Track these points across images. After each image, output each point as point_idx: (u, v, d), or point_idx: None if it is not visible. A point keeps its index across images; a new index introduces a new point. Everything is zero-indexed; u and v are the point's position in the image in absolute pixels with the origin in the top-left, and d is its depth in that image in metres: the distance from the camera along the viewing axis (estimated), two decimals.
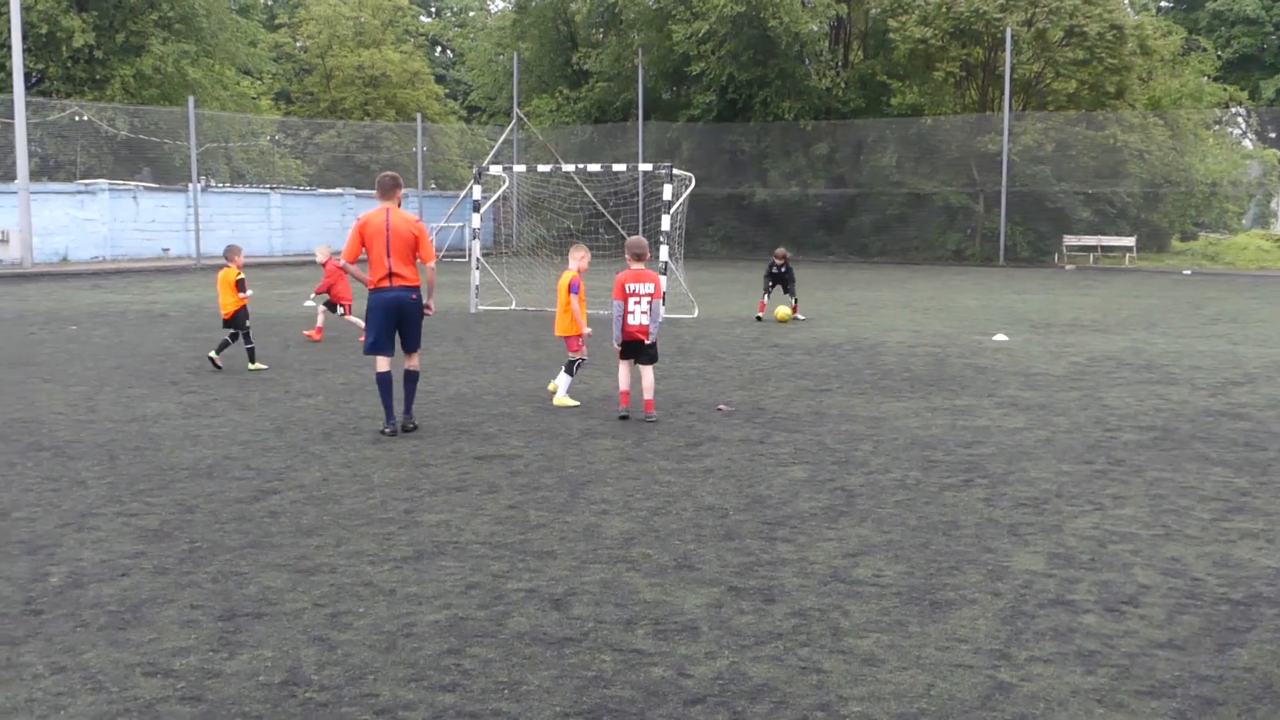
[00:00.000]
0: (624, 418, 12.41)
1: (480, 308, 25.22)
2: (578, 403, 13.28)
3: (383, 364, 11.55)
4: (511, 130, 53.61)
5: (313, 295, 19.78)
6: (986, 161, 47.97)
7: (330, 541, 7.82)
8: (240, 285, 16.15)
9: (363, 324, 19.57)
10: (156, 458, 10.46)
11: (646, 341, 12.40)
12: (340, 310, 19.76)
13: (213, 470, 9.97)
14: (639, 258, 12.53)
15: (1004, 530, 8.19)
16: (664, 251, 23.31)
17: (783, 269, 23.28)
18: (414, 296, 11.46)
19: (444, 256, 46.69)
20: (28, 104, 38.91)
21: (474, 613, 6.48)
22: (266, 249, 47.47)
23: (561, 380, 13.41)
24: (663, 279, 22.66)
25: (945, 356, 17.69)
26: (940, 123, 49.71)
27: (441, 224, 48.84)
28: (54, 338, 19.69)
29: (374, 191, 11.80)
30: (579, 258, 13.42)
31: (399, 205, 11.62)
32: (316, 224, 50.13)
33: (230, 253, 16.53)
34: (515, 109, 54.45)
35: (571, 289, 13.20)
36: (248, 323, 16.23)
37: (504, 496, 9.09)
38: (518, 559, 7.45)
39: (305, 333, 19.59)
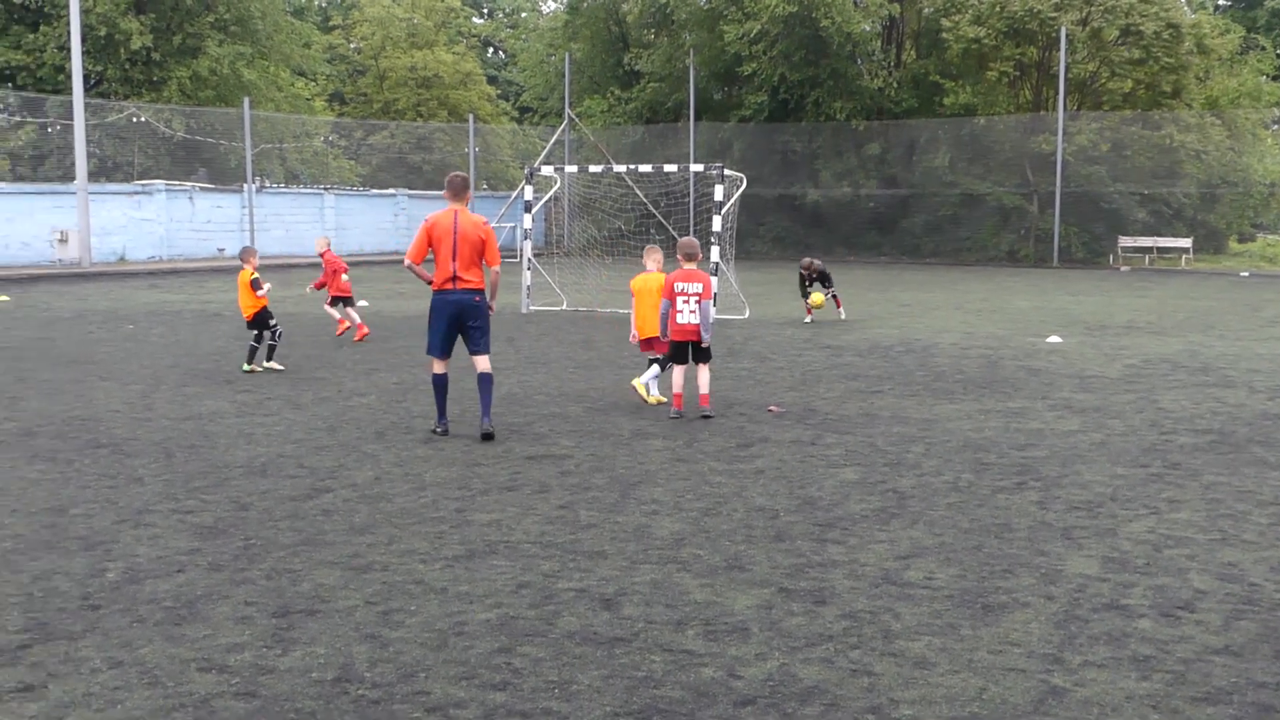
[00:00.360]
0: (676, 417, 12.49)
1: (532, 308, 25.29)
2: (654, 400, 13.33)
3: (439, 366, 11.49)
4: (563, 131, 53.75)
5: (329, 302, 19.92)
6: (1040, 162, 47.60)
7: (382, 540, 7.87)
8: (255, 285, 15.85)
9: (336, 314, 19.82)
10: (211, 455, 10.56)
11: (701, 344, 12.55)
12: (330, 301, 20.01)
13: (266, 468, 10.05)
14: (690, 258, 12.73)
15: (1057, 534, 8.13)
16: (715, 252, 23.28)
17: (813, 278, 23.26)
18: (477, 299, 11.28)
19: None
20: (86, 106, 39.39)
21: (525, 612, 6.50)
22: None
23: (651, 371, 13.46)
24: (714, 279, 22.64)
25: (998, 358, 17.57)
26: (994, 123, 49.37)
27: (494, 224, 48.93)
28: (112, 336, 19.92)
29: (443, 192, 11.65)
30: (659, 259, 13.57)
31: (468, 207, 11.46)
32: (370, 224, 50.49)
33: (245, 254, 16.27)
34: (567, 110, 54.60)
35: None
36: (273, 321, 16.00)
37: (555, 496, 9.11)
38: (568, 559, 7.47)
39: (355, 338, 19.70)
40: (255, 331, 16.00)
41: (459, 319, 11.31)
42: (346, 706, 5.28)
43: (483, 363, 11.50)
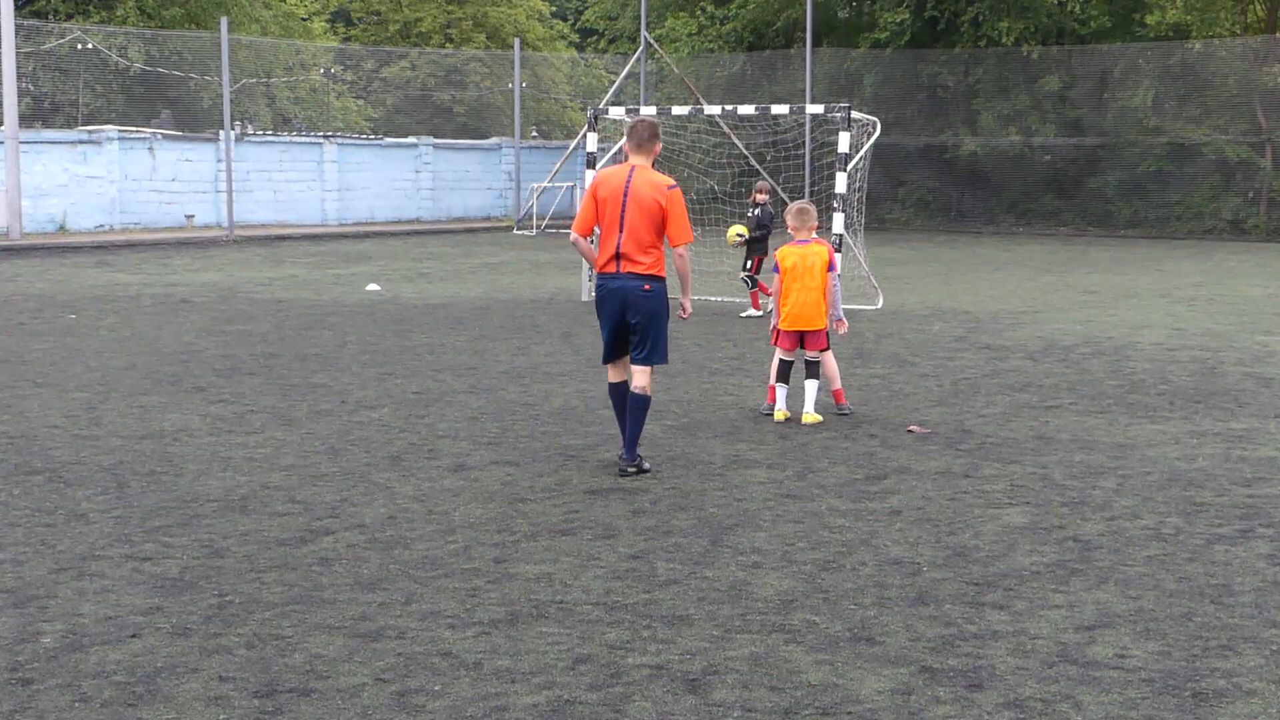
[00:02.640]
0: (766, 414, 13.67)
1: (594, 295, 25.35)
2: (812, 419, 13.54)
3: (614, 374, 11.35)
4: (638, 61, 53.83)
5: None
6: (1275, 101, 46.99)
7: (398, 598, 7.94)
8: None
9: None
10: (177, 486, 10.69)
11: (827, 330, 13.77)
12: None
13: (248, 503, 10.17)
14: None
15: None
16: (838, 221, 23.21)
17: (758, 213, 22.70)
18: (647, 288, 11.00)
19: (547, 226, 47.06)
20: (17, 28, 39.89)
21: (583, 695, 6.54)
22: (319, 216, 48.13)
23: (811, 391, 13.64)
24: (838, 256, 22.58)
25: (1218, 364, 17.40)
26: (1213, 48, 48.77)
27: (545, 184, 49.13)
28: (49, 329, 20.22)
29: (623, 142, 11.53)
30: (814, 224, 14.12)
31: (653, 165, 11.24)
32: (383, 183, 50.71)
33: None
34: (643, 32, 54.64)
35: (831, 267, 13.84)
36: None
37: (624, 543, 9.15)
38: (641, 625, 7.49)
39: None
40: None
41: (622, 313, 11.11)
42: None
43: (641, 378, 11.24)
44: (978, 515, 9.95)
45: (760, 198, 23.04)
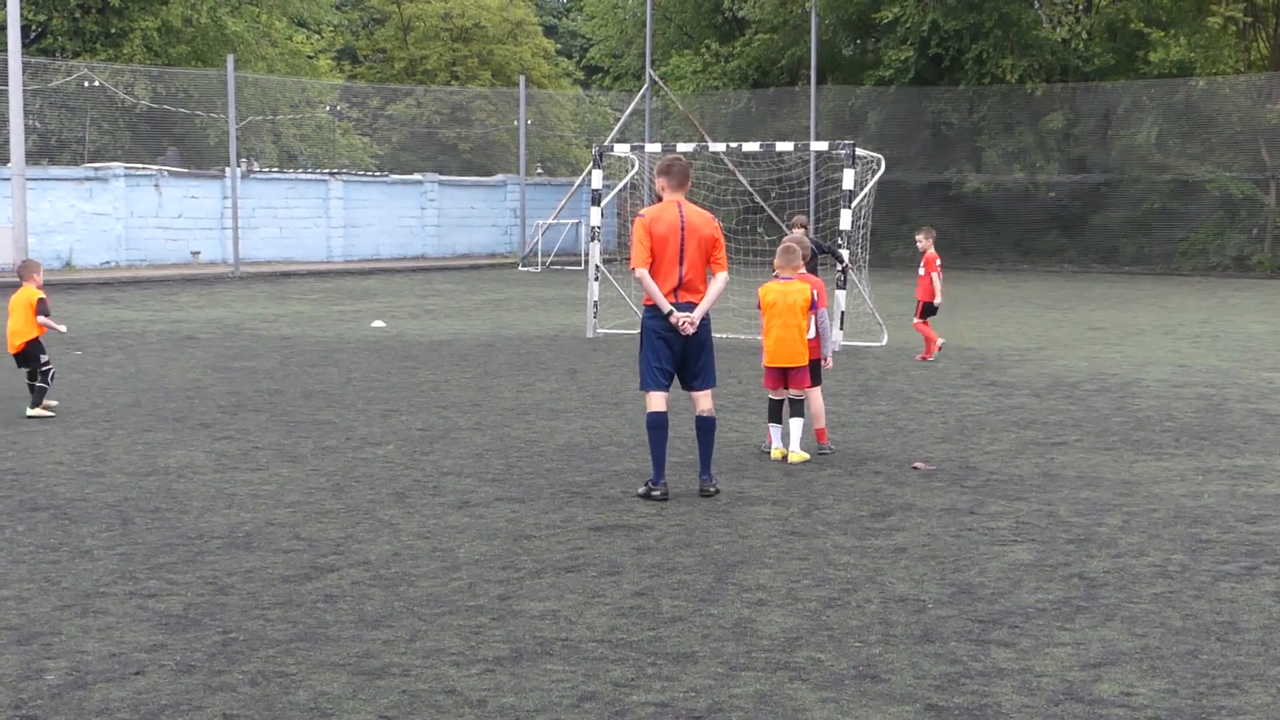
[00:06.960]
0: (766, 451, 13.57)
1: (600, 331, 25.34)
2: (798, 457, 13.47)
3: (660, 401, 11.70)
4: (643, 98, 53.95)
5: None
6: None
7: (402, 635, 7.92)
8: (42, 307, 15.88)
9: None
10: (181, 522, 10.69)
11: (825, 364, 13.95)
12: None
13: (252, 540, 10.16)
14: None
15: None
16: (843, 257, 23.22)
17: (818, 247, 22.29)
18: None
19: (552, 263, 47.11)
20: (25, 65, 39.95)
21: None
22: (324, 253, 48.14)
23: (795, 429, 13.58)
24: (840, 294, 22.61)
25: (1223, 400, 17.38)
26: (1216, 86, 48.80)
27: (550, 221, 49.20)
28: (54, 366, 20.19)
29: (659, 181, 11.97)
30: (799, 261, 13.92)
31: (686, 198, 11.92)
32: (389, 220, 50.77)
33: (28, 269, 16.30)
34: (648, 70, 54.78)
35: (813, 305, 13.74)
36: (44, 358, 15.88)
37: (628, 580, 9.14)
38: (646, 663, 7.48)
39: None
40: (29, 369, 15.90)
41: (683, 341, 11.65)
42: None
43: (706, 402, 12.00)
44: (983, 552, 9.94)
45: (797, 231, 22.64)
